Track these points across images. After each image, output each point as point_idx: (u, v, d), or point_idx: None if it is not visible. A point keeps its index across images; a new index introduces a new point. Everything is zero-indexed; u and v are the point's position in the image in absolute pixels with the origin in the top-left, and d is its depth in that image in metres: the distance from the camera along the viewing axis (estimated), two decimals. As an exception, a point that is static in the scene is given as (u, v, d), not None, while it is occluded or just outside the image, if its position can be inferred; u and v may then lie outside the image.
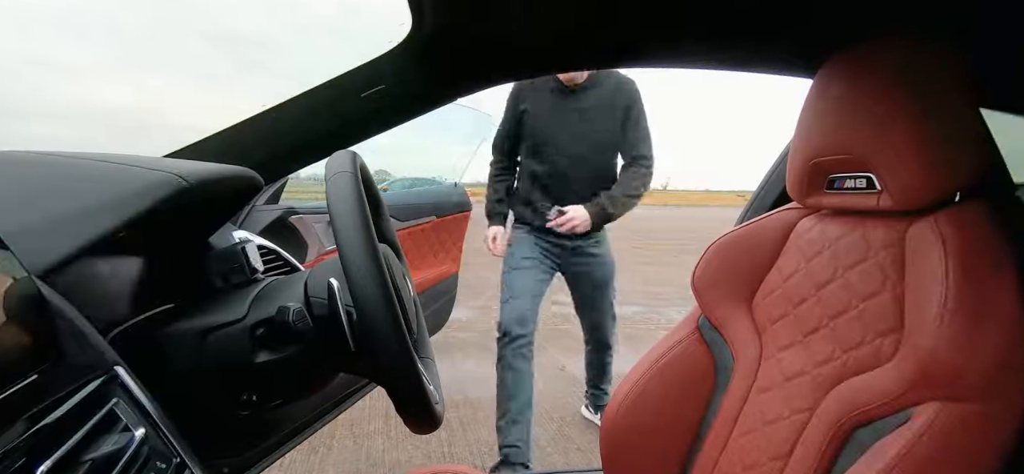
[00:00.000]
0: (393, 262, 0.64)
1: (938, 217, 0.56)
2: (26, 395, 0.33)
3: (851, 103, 0.62)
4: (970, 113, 0.59)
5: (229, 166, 0.63)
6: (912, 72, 0.58)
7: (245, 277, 0.64)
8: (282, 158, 0.93)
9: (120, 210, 0.45)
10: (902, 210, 0.59)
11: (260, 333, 0.56)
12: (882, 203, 0.61)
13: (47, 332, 0.36)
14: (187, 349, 0.55)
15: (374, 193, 0.70)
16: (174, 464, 0.41)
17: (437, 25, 0.78)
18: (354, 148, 0.61)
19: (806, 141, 0.69)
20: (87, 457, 0.34)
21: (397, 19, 0.79)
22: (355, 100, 0.87)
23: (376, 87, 0.86)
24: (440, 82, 0.90)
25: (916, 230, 0.58)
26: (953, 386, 0.51)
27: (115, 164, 0.50)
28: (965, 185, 0.58)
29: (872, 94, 0.60)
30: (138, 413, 0.41)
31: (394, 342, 0.49)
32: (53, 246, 0.39)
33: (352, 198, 0.50)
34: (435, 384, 0.69)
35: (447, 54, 0.84)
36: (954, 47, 0.58)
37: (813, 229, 0.73)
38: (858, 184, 0.64)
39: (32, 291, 0.35)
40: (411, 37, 0.82)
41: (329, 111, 0.89)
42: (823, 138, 0.66)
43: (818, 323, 0.67)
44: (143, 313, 0.58)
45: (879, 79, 0.60)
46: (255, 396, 0.60)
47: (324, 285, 0.57)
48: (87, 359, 0.39)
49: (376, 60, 0.86)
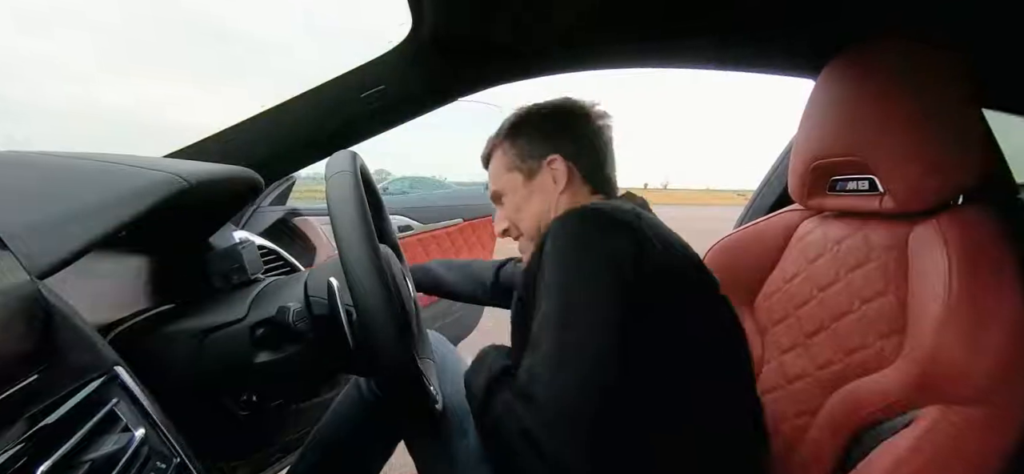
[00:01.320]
0: (393, 262, 0.64)
1: (941, 219, 0.56)
2: (26, 395, 0.33)
3: (853, 104, 0.62)
4: (972, 114, 0.59)
5: (229, 166, 0.63)
6: (914, 73, 0.58)
7: (245, 277, 0.64)
8: (282, 158, 0.93)
9: (120, 210, 0.45)
10: (904, 212, 0.59)
11: (260, 333, 0.56)
12: (884, 205, 0.60)
13: (47, 332, 0.36)
14: (187, 349, 0.55)
15: (374, 193, 0.70)
16: (174, 464, 0.41)
17: (437, 25, 0.78)
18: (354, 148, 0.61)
19: (808, 142, 0.69)
20: (87, 457, 0.34)
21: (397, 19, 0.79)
22: (355, 100, 0.87)
23: (376, 87, 0.86)
24: (440, 82, 0.90)
25: (919, 232, 0.57)
26: (956, 389, 0.50)
27: (115, 164, 0.50)
28: (967, 186, 0.57)
29: (874, 95, 0.60)
30: (138, 413, 0.41)
31: (394, 342, 0.49)
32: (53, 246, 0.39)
33: (352, 198, 0.50)
34: (435, 384, 0.69)
35: (447, 54, 0.84)
36: (956, 48, 0.58)
37: (815, 231, 0.73)
38: (860, 186, 0.64)
39: (32, 291, 0.35)
40: (411, 37, 0.82)
41: (329, 111, 0.89)
42: (825, 139, 0.66)
43: (820, 325, 0.67)
44: (143, 313, 0.58)
45: (881, 80, 0.60)
46: (255, 396, 0.60)
47: (324, 285, 0.57)
48: (87, 359, 0.39)
49: (376, 60, 0.86)
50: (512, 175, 0.71)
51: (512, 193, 0.72)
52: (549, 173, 0.69)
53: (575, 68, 0.94)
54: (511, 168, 0.71)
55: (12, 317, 0.32)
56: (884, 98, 0.59)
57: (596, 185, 0.71)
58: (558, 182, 0.69)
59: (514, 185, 0.71)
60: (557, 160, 0.69)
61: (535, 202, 0.70)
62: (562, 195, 0.69)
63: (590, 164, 0.70)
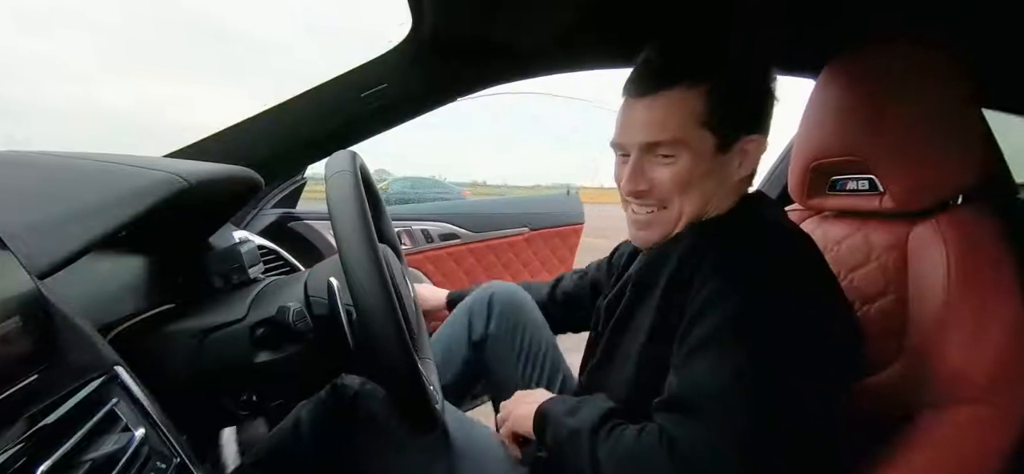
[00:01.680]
0: (393, 262, 0.64)
1: (940, 219, 0.56)
2: (26, 395, 0.33)
3: (853, 105, 0.62)
4: (972, 114, 0.59)
5: (229, 166, 0.63)
6: (914, 74, 0.58)
7: (245, 277, 0.64)
8: (282, 158, 0.93)
9: (120, 210, 0.45)
10: (904, 211, 0.59)
11: (260, 333, 0.56)
12: (884, 205, 0.60)
13: (47, 332, 0.36)
14: (187, 349, 0.55)
15: (374, 193, 0.70)
16: (174, 464, 0.41)
17: (437, 25, 0.78)
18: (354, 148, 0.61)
19: (808, 142, 0.69)
20: (87, 457, 0.34)
21: (397, 19, 0.79)
22: (355, 100, 0.87)
23: (376, 87, 0.86)
24: (440, 82, 0.90)
25: (918, 232, 0.57)
26: (955, 389, 0.50)
27: (115, 164, 0.50)
28: (967, 186, 0.58)
29: (874, 95, 0.60)
30: (138, 413, 0.41)
31: (394, 342, 0.49)
32: (53, 246, 0.39)
33: (352, 197, 0.50)
34: (435, 384, 0.69)
35: (447, 54, 0.84)
36: (956, 48, 0.58)
37: (815, 231, 0.73)
38: (860, 186, 0.64)
39: (32, 291, 0.35)
40: (411, 37, 0.82)
41: (329, 111, 0.89)
42: (825, 140, 0.66)
43: (819, 324, 0.67)
44: (143, 313, 0.58)
45: (881, 80, 0.60)
46: (255, 396, 0.60)
47: (324, 285, 0.57)
48: (87, 359, 0.39)
49: (376, 60, 0.86)
50: (703, 133, 0.54)
51: (693, 156, 0.54)
52: (739, 155, 0.56)
53: (575, 68, 0.94)
54: (704, 123, 0.54)
55: (12, 317, 0.32)
56: (884, 98, 0.59)
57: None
58: (744, 168, 0.57)
59: (701, 148, 0.54)
60: (756, 142, 0.56)
61: (710, 182, 0.56)
62: (734, 184, 0.57)
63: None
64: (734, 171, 0.56)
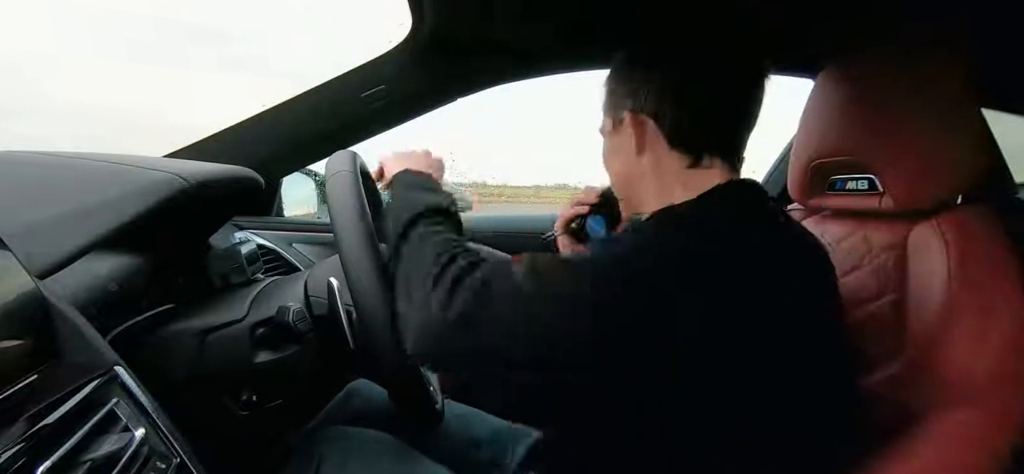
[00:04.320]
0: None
1: (940, 219, 0.56)
2: (26, 395, 0.33)
3: (853, 104, 0.62)
4: (971, 114, 0.59)
5: (229, 166, 0.63)
6: (913, 73, 0.58)
7: (245, 277, 0.64)
8: (282, 158, 0.93)
9: (120, 210, 0.45)
10: (904, 211, 0.59)
11: (260, 333, 0.56)
12: (884, 205, 0.60)
13: (47, 332, 0.36)
14: (187, 349, 0.55)
15: (374, 193, 0.70)
16: (174, 464, 0.41)
17: (437, 25, 0.78)
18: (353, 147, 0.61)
19: (808, 142, 0.69)
20: (87, 457, 0.34)
21: (397, 19, 0.78)
22: (356, 100, 0.87)
23: (377, 87, 0.86)
24: (440, 82, 0.90)
25: (918, 232, 0.57)
26: (956, 389, 0.50)
27: (115, 164, 0.50)
28: (967, 186, 0.57)
29: (874, 95, 0.60)
30: (138, 413, 0.41)
31: (394, 342, 0.49)
32: (53, 246, 0.39)
33: (352, 197, 0.50)
34: (435, 384, 0.69)
35: (447, 54, 0.84)
36: (955, 48, 0.58)
37: (815, 231, 0.72)
38: (860, 185, 0.64)
39: (32, 291, 0.35)
40: (411, 37, 0.82)
41: (330, 111, 0.89)
42: (825, 139, 0.66)
43: (819, 324, 0.67)
44: (143, 313, 0.58)
45: (881, 80, 0.59)
46: (255, 396, 0.60)
47: (324, 285, 0.57)
48: (87, 359, 0.39)
49: (376, 60, 0.86)
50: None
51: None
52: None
53: (575, 68, 0.94)
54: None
55: (12, 317, 0.32)
56: (884, 98, 0.59)
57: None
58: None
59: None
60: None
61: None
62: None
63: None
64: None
